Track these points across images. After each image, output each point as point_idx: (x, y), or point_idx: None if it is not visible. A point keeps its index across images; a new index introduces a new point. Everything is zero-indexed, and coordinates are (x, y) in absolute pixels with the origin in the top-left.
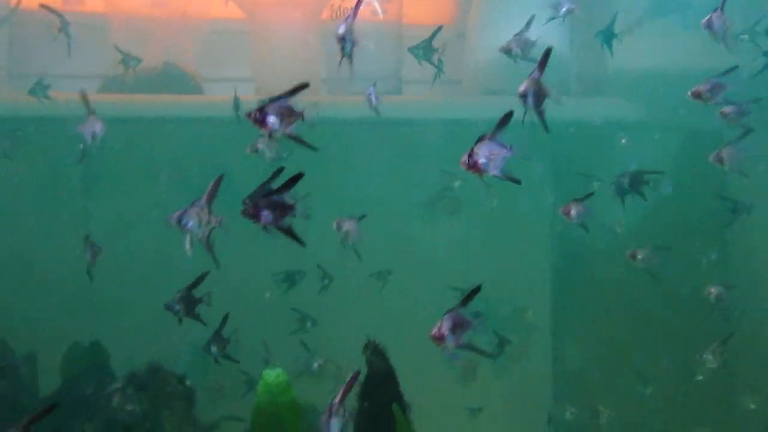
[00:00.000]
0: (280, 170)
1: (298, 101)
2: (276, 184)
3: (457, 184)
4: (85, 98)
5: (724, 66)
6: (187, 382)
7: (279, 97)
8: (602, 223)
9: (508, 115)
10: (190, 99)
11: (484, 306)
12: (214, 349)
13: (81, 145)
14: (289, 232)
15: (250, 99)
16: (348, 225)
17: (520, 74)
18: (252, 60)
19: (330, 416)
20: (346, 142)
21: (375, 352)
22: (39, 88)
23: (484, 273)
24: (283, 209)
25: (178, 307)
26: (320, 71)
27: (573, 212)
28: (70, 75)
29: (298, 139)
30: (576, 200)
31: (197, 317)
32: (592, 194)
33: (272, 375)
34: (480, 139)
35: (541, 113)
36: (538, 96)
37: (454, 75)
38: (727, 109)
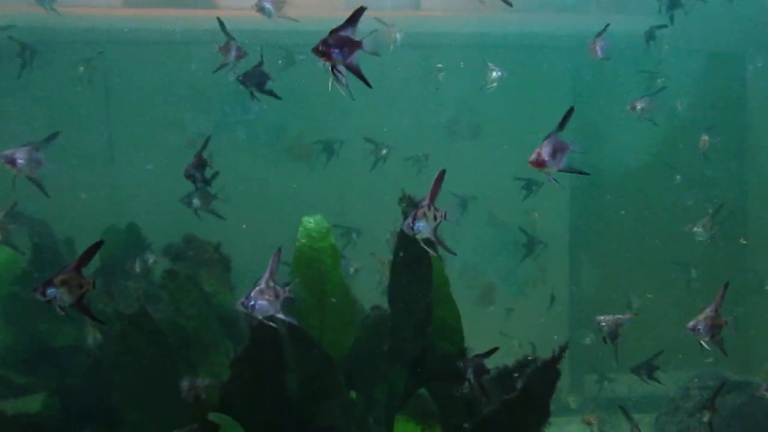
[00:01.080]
0: None
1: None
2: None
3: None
4: (222, 24)
5: None
6: (223, 250)
7: (340, 28)
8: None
9: (570, 111)
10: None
11: (506, 233)
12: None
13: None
14: (358, 73)
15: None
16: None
17: None
18: None
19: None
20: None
21: (410, 204)
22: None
23: (505, 198)
24: (350, 46)
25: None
26: None
27: (639, 106)
28: None
29: (357, 72)
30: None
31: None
32: (664, 88)
33: (312, 221)
34: (332, 31)
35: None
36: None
37: None
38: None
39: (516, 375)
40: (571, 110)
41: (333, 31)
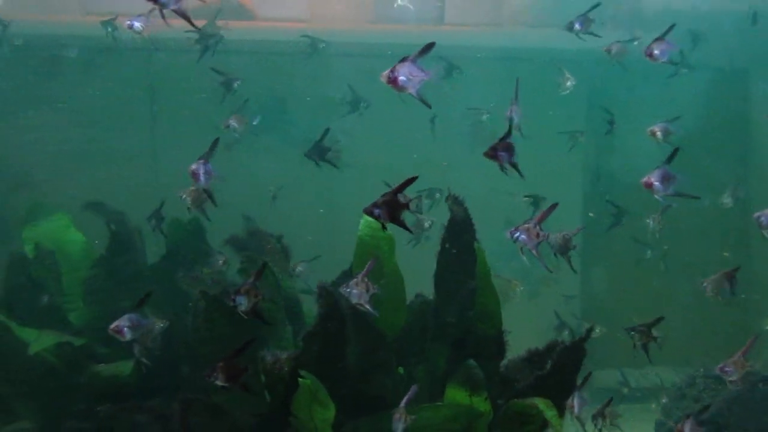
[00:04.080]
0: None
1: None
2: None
3: (485, 117)
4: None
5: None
6: (284, 241)
7: (406, 59)
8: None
9: (430, 45)
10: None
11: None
12: None
13: None
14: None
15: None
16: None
17: (563, 7)
18: None
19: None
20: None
21: (456, 202)
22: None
23: (519, 199)
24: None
25: None
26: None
27: (656, 51)
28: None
29: (422, 100)
30: (658, 38)
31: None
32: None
33: None
34: (402, 60)
35: None
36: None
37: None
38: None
39: (545, 356)
40: (676, 151)
41: (402, 60)
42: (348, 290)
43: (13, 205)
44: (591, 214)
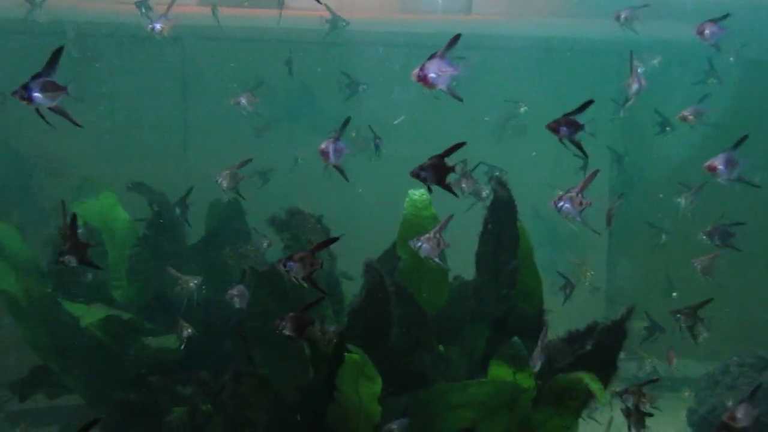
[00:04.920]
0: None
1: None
2: None
3: (522, 109)
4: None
5: None
6: (324, 221)
7: (434, 55)
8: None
9: (457, 37)
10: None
11: (548, 226)
12: None
13: None
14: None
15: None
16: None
17: None
18: None
19: None
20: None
21: (498, 183)
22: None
23: (546, 192)
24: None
25: None
26: None
27: (707, 31)
28: None
29: (453, 95)
30: (691, 107)
31: None
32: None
33: (417, 193)
34: (431, 57)
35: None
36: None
37: None
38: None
39: (585, 337)
40: (744, 138)
41: (431, 57)
42: (419, 244)
43: (48, 192)
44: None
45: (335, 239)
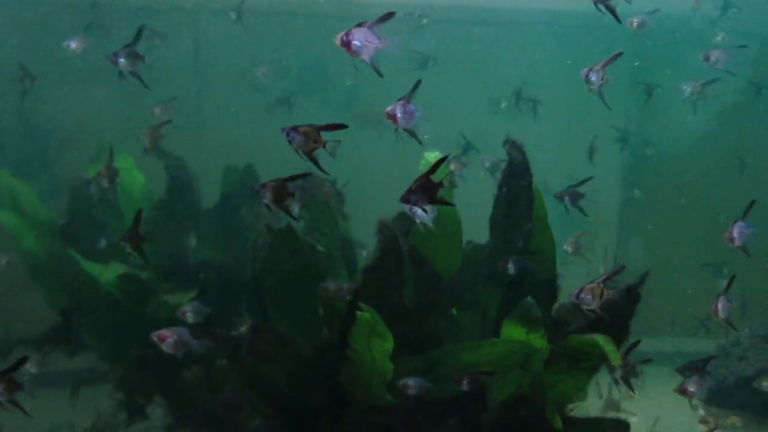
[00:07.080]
0: None
1: None
2: None
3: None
4: None
5: None
6: (338, 186)
7: (363, 24)
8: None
9: (390, 14)
10: None
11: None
12: None
13: None
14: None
15: None
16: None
17: None
18: None
19: None
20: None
21: (513, 146)
22: None
23: (560, 168)
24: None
25: None
26: None
27: (713, 57)
28: None
29: (374, 68)
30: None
31: None
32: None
33: (432, 156)
34: (359, 25)
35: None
36: None
37: None
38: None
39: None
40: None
41: (359, 24)
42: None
43: (66, 161)
44: (637, 192)
45: (308, 174)
